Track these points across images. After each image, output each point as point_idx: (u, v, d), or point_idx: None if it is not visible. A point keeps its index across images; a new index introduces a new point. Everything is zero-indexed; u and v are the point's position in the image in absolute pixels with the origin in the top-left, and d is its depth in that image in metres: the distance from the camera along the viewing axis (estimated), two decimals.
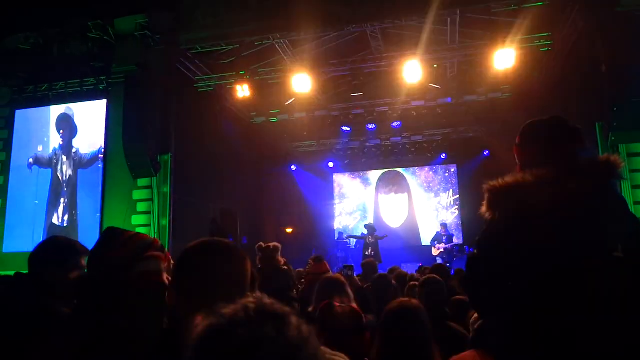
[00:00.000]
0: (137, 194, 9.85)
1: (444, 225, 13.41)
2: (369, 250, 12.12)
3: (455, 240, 13.83)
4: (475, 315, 2.61)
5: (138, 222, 9.75)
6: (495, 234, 1.24)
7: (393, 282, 4.19)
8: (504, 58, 9.25)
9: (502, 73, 11.09)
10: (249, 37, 9.82)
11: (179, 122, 9.91)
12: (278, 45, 10.45)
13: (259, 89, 11.14)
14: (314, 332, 0.79)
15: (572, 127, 1.44)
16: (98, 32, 9.29)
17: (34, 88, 10.54)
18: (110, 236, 1.50)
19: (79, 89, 10.44)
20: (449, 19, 9.73)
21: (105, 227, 9.92)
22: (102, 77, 10.15)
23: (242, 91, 10.61)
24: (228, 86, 11.41)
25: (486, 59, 10.36)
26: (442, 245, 12.78)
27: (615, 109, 7.23)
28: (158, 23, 9.08)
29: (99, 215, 9.98)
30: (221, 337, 0.74)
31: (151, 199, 9.64)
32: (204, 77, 11.20)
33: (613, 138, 7.34)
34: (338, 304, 1.97)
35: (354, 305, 2.63)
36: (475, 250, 1.36)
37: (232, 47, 10.10)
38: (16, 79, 10.41)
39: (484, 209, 1.31)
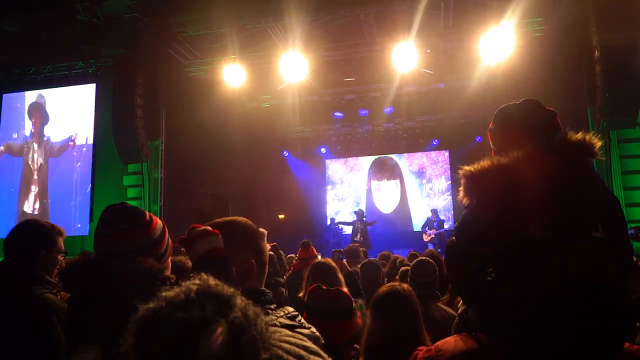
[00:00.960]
0: (127, 180, 9.79)
1: (434, 211, 13.47)
2: (358, 236, 12.16)
3: (446, 226, 13.91)
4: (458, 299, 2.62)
5: None
6: (472, 219, 1.23)
7: (384, 269, 4.21)
8: (497, 43, 9.20)
9: (494, 59, 11.07)
10: (240, 20, 9.70)
11: (169, 107, 9.81)
12: (270, 30, 10.34)
13: (251, 73, 11.03)
14: (262, 314, 0.77)
15: (546, 110, 1.43)
16: (87, 15, 9.11)
17: (21, 72, 10.36)
18: (130, 214, 1.45)
19: (67, 72, 10.29)
20: (442, 3, 9.67)
21: (95, 212, 9.89)
22: (91, 61, 10.00)
23: (234, 76, 10.49)
24: (219, 70, 11.28)
25: (479, 44, 10.32)
26: (433, 231, 12.86)
27: (607, 94, 7.24)
28: (148, 5, 8.92)
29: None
30: (157, 321, 0.70)
31: (142, 185, 9.58)
32: (195, 61, 11.07)
33: (604, 124, 7.37)
34: (326, 287, 1.97)
35: (344, 289, 2.63)
36: (454, 237, 1.35)
37: (223, 30, 9.97)
38: (2, 63, 10.23)
39: (461, 195, 1.29)
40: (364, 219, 12.60)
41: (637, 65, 7.18)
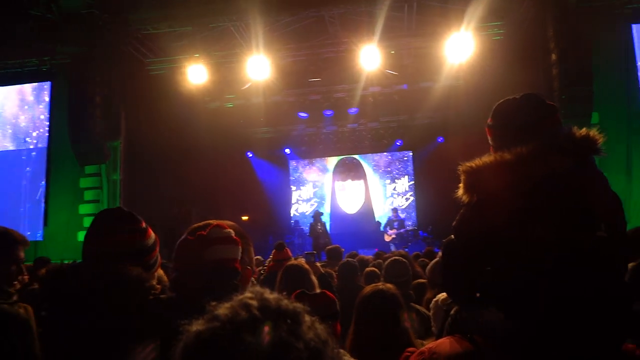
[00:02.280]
0: (84, 182, 9.42)
1: (394, 210, 13.63)
2: (323, 238, 12.18)
3: (407, 225, 14.10)
4: (438, 297, 2.63)
5: (86, 212, 9.34)
6: (473, 217, 1.19)
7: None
8: (459, 46, 9.40)
9: (456, 61, 11.30)
10: (203, 19, 9.51)
11: (129, 106, 9.50)
12: (233, 28, 10.18)
13: (215, 73, 10.83)
14: (328, 330, 0.68)
15: (547, 104, 1.40)
16: (41, 9, 8.71)
17: None
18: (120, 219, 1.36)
19: (20, 70, 9.80)
20: (405, 5, 9.79)
21: (50, 216, 9.48)
22: (46, 58, 9.56)
23: (196, 75, 10.27)
24: (181, 69, 11.03)
25: (441, 47, 10.51)
26: (394, 231, 12.98)
27: (563, 97, 7.51)
28: (106, 1, 8.60)
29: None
30: (222, 347, 0.57)
31: (100, 187, 9.24)
32: (156, 59, 10.78)
33: None
34: (311, 292, 1.92)
35: (328, 292, 2.59)
36: (452, 236, 1.31)
37: (185, 29, 9.75)
38: None
39: (460, 191, 1.25)
40: (321, 219, 12.67)
41: (590, 70, 7.47)
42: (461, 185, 1.23)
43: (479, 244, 1.12)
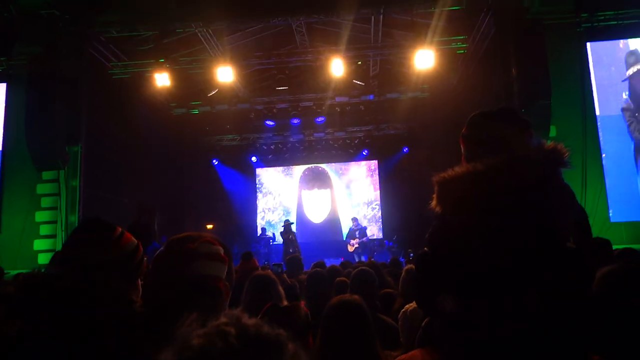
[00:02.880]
0: (41, 188, 9.05)
1: (354, 219, 13.69)
2: (293, 247, 12.12)
3: (369, 233, 14.22)
4: (407, 308, 2.64)
5: (42, 219, 8.97)
6: (445, 228, 1.20)
7: None
8: (424, 59, 9.59)
9: (421, 73, 11.53)
10: (169, 24, 9.36)
11: (90, 110, 9.21)
12: (200, 34, 10.06)
13: (180, 79, 10.67)
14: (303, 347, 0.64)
15: (521, 118, 1.44)
16: None
17: None
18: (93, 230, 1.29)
19: None
20: (372, 17, 9.92)
21: (3, 223, 9.04)
22: (2, 58, 9.18)
23: (162, 80, 10.08)
24: (146, 74, 10.81)
25: (407, 59, 10.71)
26: (356, 241, 13.04)
27: (523, 110, 7.75)
28: (67, 1, 8.35)
29: None
30: None
31: (58, 194, 8.89)
32: (119, 63, 10.52)
33: None
34: (282, 305, 1.88)
35: (300, 304, 2.56)
36: (426, 248, 1.31)
37: (150, 33, 9.58)
38: None
39: (434, 202, 1.25)
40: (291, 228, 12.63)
41: (549, 84, 7.76)
42: (434, 196, 1.24)
43: (451, 256, 1.12)
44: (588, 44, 9.04)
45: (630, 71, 8.98)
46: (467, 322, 1.08)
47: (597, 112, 8.84)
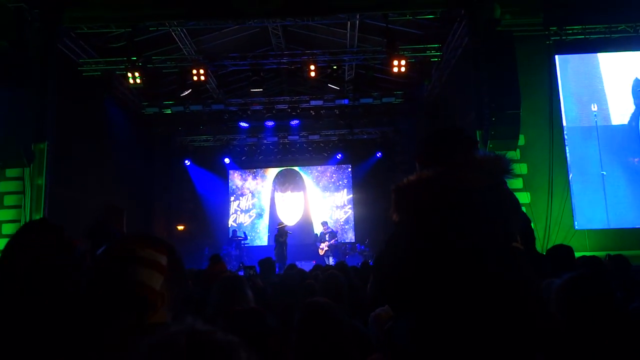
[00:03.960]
0: (4, 186, 8.75)
1: (324, 223, 13.74)
2: (283, 249, 12.13)
3: (339, 236, 14.29)
4: (374, 313, 2.65)
5: (5, 218, 8.67)
6: (400, 234, 1.24)
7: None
8: (398, 65, 9.69)
9: (395, 79, 11.67)
10: (142, 21, 9.22)
11: (58, 107, 8.96)
12: (175, 34, 9.96)
13: (153, 77, 10.48)
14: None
15: (469, 137, 1.50)
16: None
17: None
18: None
19: None
20: (348, 22, 10.00)
21: None
22: None
23: (134, 79, 9.89)
24: (117, 72, 10.60)
25: (382, 65, 10.83)
26: (326, 244, 13.07)
27: (493, 119, 7.93)
28: None
29: None
30: None
31: (22, 192, 8.62)
32: (90, 60, 10.30)
33: (491, 145, 8.04)
34: (241, 307, 1.86)
35: (255, 306, 2.54)
36: (382, 250, 1.35)
37: (123, 30, 9.39)
38: None
39: (391, 210, 1.30)
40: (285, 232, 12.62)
41: (519, 96, 7.96)
42: (392, 204, 1.28)
43: (405, 259, 1.16)
44: (557, 56, 9.32)
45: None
46: (419, 328, 1.11)
47: (564, 123, 9.11)
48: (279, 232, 12.49)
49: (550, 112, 8.97)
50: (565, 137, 9.06)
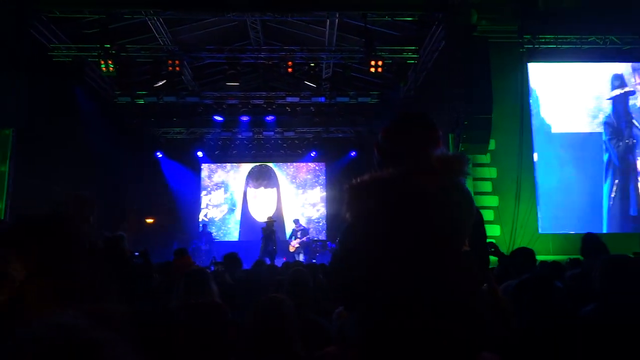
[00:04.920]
0: None
1: (296, 221, 13.75)
2: (272, 245, 12.05)
3: (312, 233, 14.30)
4: (338, 310, 2.68)
5: None
6: (351, 233, 1.25)
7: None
8: (375, 65, 9.76)
9: (372, 80, 11.75)
10: (118, 8, 9.02)
11: (25, 92, 8.69)
12: (151, 23, 9.78)
13: (126, 66, 10.27)
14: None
15: (433, 131, 1.50)
16: None
17: None
18: None
19: None
20: (327, 21, 10.01)
21: None
22: None
23: (107, 67, 9.67)
24: (90, 59, 10.35)
25: (359, 64, 10.88)
26: (297, 241, 13.09)
27: (466, 122, 8.07)
28: None
29: None
30: None
31: None
32: (62, 45, 10.02)
33: (463, 148, 8.18)
34: (202, 301, 1.85)
35: (217, 300, 2.53)
36: (337, 249, 1.36)
37: (97, 16, 9.18)
38: None
39: (344, 208, 1.31)
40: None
41: (491, 101, 8.13)
42: (345, 202, 1.28)
43: (355, 257, 1.18)
44: (529, 64, 9.55)
45: (614, 93, 9.59)
46: (366, 324, 1.13)
47: (533, 129, 9.35)
48: (267, 225, 12.39)
49: (520, 118, 9.19)
50: (534, 142, 9.30)
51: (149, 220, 14.76)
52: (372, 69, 9.76)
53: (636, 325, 1.98)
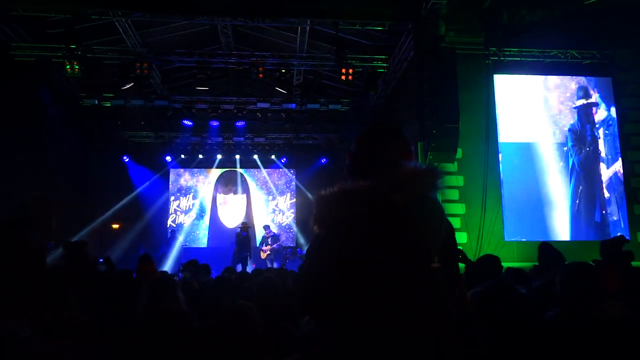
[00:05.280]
0: None
1: (266, 227, 13.67)
2: (246, 250, 11.83)
3: (282, 239, 14.22)
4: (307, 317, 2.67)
5: None
6: (317, 248, 1.23)
7: None
8: (346, 73, 9.84)
9: (343, 87, 11.84)
10: (85, 8, 8.82)
11: None
12: (119, 24, 9.59)
13: (92, 68, 10.02)
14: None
15: (402, 138, 1.50)
16: None
17: None
18: None
19: None
20: (299, 28, 10.05)
21: None
22: None
23: (72, 68, 9.42)
24: (54, 60, 10.07)
25: (330, 72, 10.95)
26: (268, 248, 13.01)
27: (434, 131, 8.21)
28: None
29: None
30: None
31: None
32: (25, 44, 9.72)
33: (431, 157, 8.32)
34: (168, 308, 1.82)
35: (183, 308, 2.48)
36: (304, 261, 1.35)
37: (63, 16, 8.94)
38: None
39: (311, 221, 1.29)
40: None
41: (458, 111, 8.30)
42: (312, 215, 1.26)
43: (321, 272, 1.17)
44: (495, 75, 9.81)
45: (579, 103, 9.92)
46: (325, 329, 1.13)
47: (499, 139, 9.59)
48: (241, 229, 12.18)
49: (486, 127, 9.42)
50: (499, 151, 9.54)
51: (115, 226, 14.40)
52: (343, 77, 9.83)
53: (593, 329, 2.05)
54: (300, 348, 2.43)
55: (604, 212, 9.60)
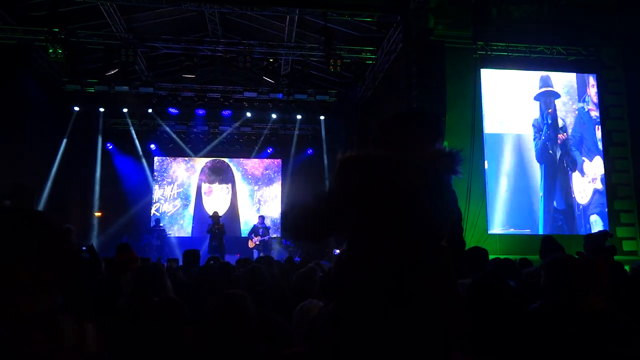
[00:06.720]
0: None
1: (261, 217, 13.63)
2: (216, 241, 11.69)
3: (272, 233, 14.19)
4: (299, 307, 2.68)
5: None
6: (342, 193, 1.26)
7: None
8: (335, 64, 9.81)
9: (330, 78, 11.81)
10: None
11: None
12: (103, 8, 9.40)
13: (76, 52, 9.82)
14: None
15: (437, 126, 1.51)
16: None
17: None
18: None
19: None
20: (288, 17, 9.96)
21: None
22: None
23: (55, 52, 9.22)
24: (36, 43, 9.84)
25: (318, 62, 10.90)
26: (258, 238, 12.98)
27: None
28: None
29: None
30: None
31: None
32: (6, 27, 9.47)
33: None
34: (157, 298, 1.80)
35: (173, 297, 2.47)
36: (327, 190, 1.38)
37: None
38: None
39: (331, 178, 1.34)
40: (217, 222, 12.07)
41: (445, 103, 8.35)
42: (335, 171, 1.29)
43: (337, 209, 1.19)
44: (482, 70, 9.86)
45: (539, 91, 10.01)
46: (343, 321, 1.13)
47: (484, 132, 9.67)
48: (213, 221, 12.02)
49: (472, 121, 9.48)
50: (484, 144, 9.63)
51: (97, 214, 14.22)
52: (331, 68, 9.80)
53: (576, 321, 2.10)
54: (292, 340, 2.44)
55: (571, 202, 9.73)
